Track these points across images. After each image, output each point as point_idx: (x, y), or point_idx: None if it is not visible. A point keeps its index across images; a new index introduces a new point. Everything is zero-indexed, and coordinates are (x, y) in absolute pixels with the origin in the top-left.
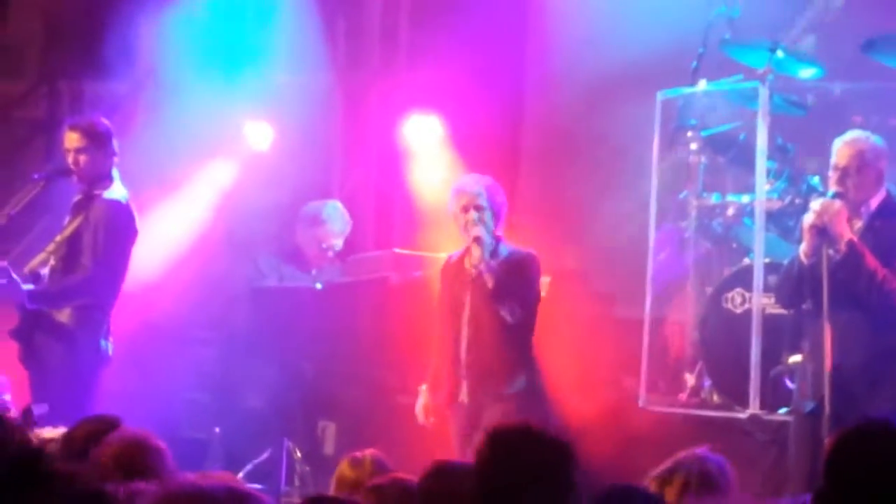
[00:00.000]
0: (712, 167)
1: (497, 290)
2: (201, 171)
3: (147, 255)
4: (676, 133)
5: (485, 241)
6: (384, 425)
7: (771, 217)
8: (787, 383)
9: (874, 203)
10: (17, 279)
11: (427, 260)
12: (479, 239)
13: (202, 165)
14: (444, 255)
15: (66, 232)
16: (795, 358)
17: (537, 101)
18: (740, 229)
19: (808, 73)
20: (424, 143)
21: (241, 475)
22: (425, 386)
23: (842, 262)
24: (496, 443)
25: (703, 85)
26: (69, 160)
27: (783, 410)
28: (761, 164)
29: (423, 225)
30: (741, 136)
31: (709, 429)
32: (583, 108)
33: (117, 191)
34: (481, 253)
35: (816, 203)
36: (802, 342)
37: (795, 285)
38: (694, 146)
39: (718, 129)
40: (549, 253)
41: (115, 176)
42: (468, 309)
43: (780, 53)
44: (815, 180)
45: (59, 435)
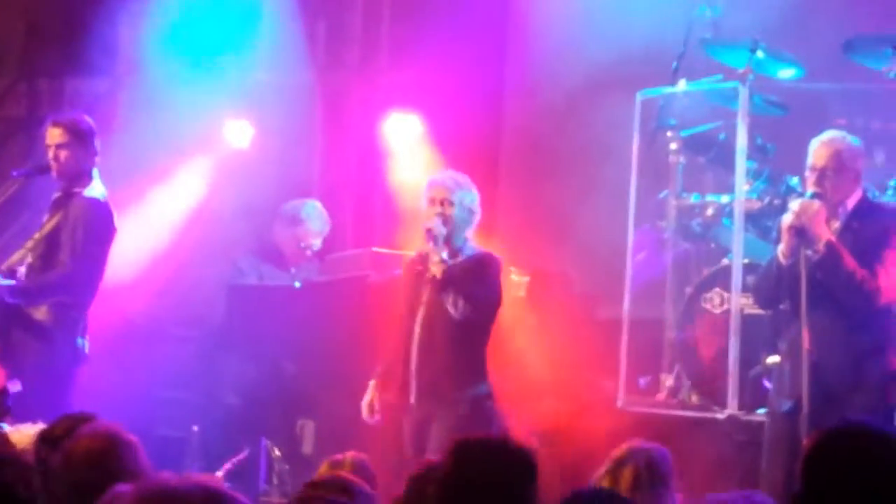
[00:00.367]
0: (692, 167)
1: (444, 282)
2: (181, 168)
3: (126, 253)
4: (656, 133)
5: (437, 234)
6: (363, 424)
7: (750, 217)
8: (766, 384)
9: (851, 203)
10: None
11: (406, 259)
12: (430, 231)
13: (182, 163)
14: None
15: (45, 229)
16: (774, 358)
17: (517, 100)
18: (719, 229)
19: (788, 73)
20: (404, 142)
21: (219, 474)
22: (373, 382)
23: (820, 262)
24: (458, 455)
25: (683, 85)
26: (49, 155)
27: (761, 411)
28: (741, 164)
29: (402, 224)
30: (721, 137)
31: (687, 429)
32: (563, 108)
33: (96, 189)
34: (432, 247)
35: (795, 203)
36: (779, 342)
37: (774, 286)
38: (674, 146)
39: (698, 129)
40: (528, 253)
41: (95, 175)
42: (424, 309)
43: (760, 54)
44: (795, 181)
45: (34, 432)
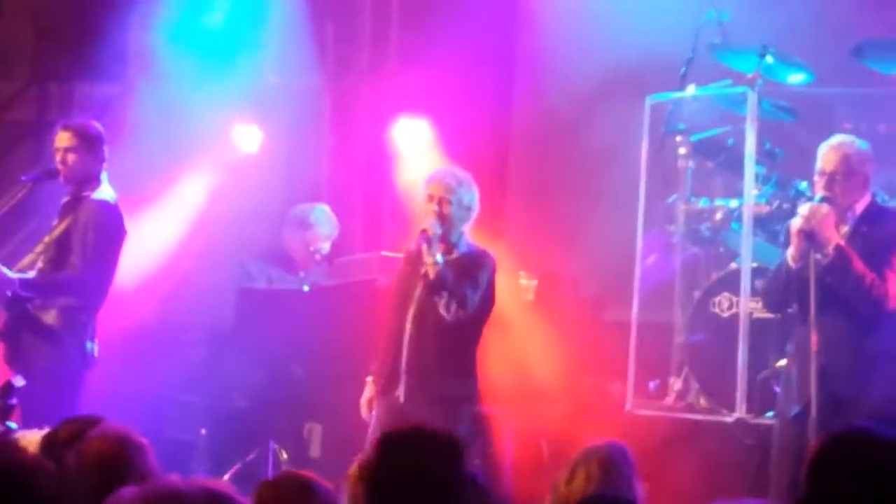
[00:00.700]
0: (701, 172)
1: (436, 283)
2: (190, 172)
3: (135, 257)
4: (665, 138)
5: (431, 236)
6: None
7: (758, 222)
8: (775, 387)
9: (859, 208)
10: (4, 269)
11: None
12: (425, 233)
13: (191, 167)
14: None
15: (55, 233)
16: (782, 362)
17: (526, 104)
18: (728, 234)
19: (797, 78)
20: (413, 145)
21: (226, 476)
22: (370, 379)
23: (829, 266)
24: (384, 446)
25: (692, 90)
26: (57, 159)
27: (770, 414)
28: (749, 168)
29: (411, 228)
30: (730, 141)
31: (696, 432)
32: (572, 113)
33: (106, 192)
34: (426, 248)
35: (804, 207)
36: (787, 346)
37: (783, 289)
38: (682, 151)
39: (707, 133)
40: (537, 257)
41: (104, 179)
42: (415, 306)
43: (769, 59)
44: (804, 185)
45: (39, 438)
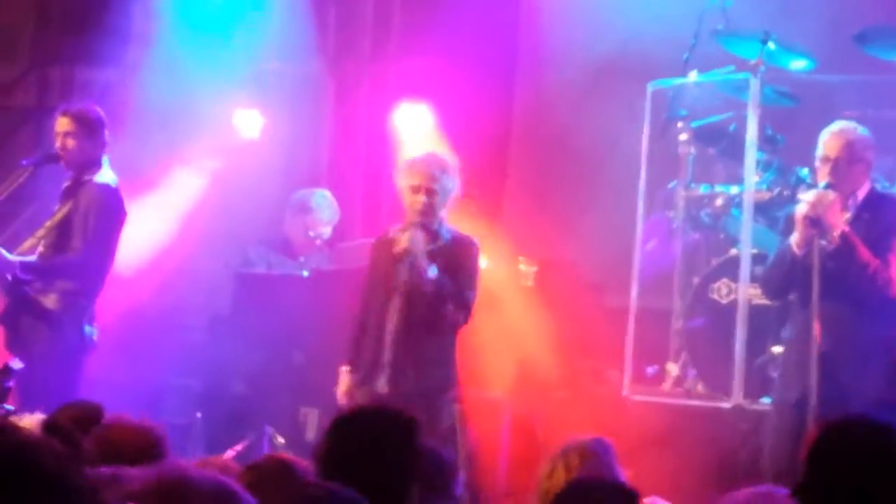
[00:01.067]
0: (702, 158)
1: (437, 294)
2: (191, 157)
3: (135, 242)
4: (667, 124)
5: (416, 251)
6: None
7: (759, 208)
8: (772, 374)
9: (861, 194)
10: (4, 252)
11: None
12: (409, 251)
13: (192, 152)
14: None
15: (56, 217)
16: (778, 348)
17: (528, 90)
18: (728, 220)
19: (799, 64)
20: (414, 131)
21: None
22: (347, 368)
23: (835, 253)
24: (335, 428)
25: (694, 76)
26: (57, 143)
27: (767, 400)
28: (751, 155)
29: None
30: (731, 128)
31: (693, 418)
32: (573, 98)
33: (107, 175)
34: (414, 260)
35: (810, 194)
36: (783, 332)
37: (785, 275)
38: (684, 137)
39: (709, 120)
40: (537, 242)
41: (105, 163)
42: (399, 297)
43: (771, 45)
44: (805, 172)
45: (37, 421)
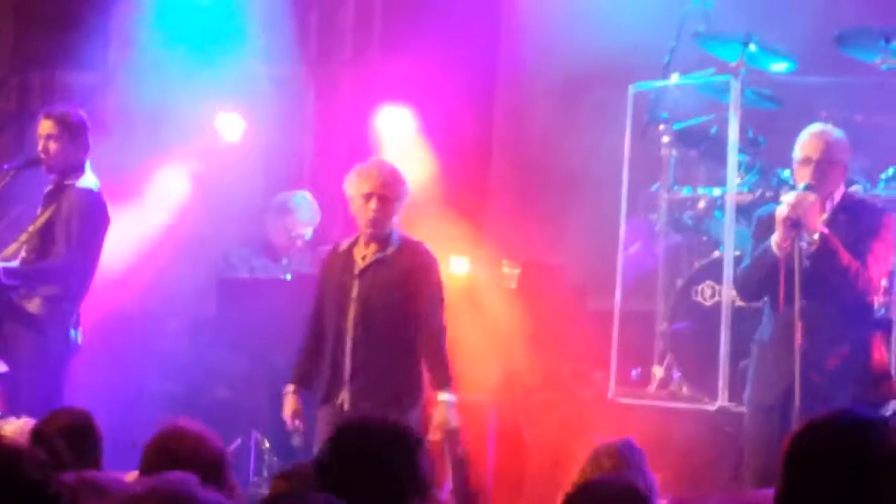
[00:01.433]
0: (684, 160)
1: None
2: (173, 161)
3: (117, 246)
4: (648, 126)
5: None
6: None
7: (741, 210)
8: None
9: (837, 196)
10: None
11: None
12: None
13: (174, 156)
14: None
15: (39, 222)
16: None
17: (510, 93)
18: (711, 222)
19: (780, 67)
20: (396, 134)
21: None
22: (292, 387)
23: (815, 254)
24: (336, 440)
25: (675, 78)
26: (39, 146)
27: None
28: (732, 157)
29: None
30: (713, 130)
31: (677, 421)
32: (555, 101)
33: (89, 180)
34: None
35: (790, 195)
36: (757, 334)
37: (764, 277)
38: (666, 139)
39: (690, 122)
40: (521, 244)
41: (87, 167)
42: (355, 307)
43: (752, 47)
44: (786, 173)
45: (21, 426)
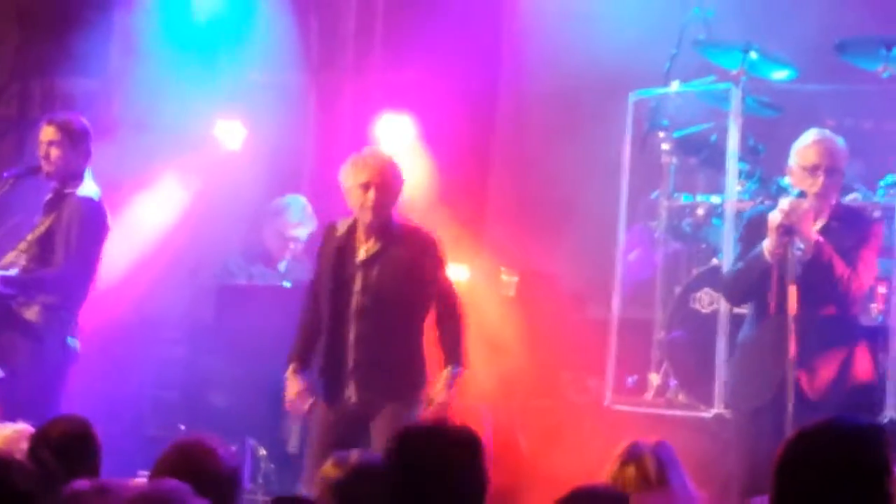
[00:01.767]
0: (683, 168)
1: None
2: (173, 169)
3: (117, 253)
4: (648, 134)
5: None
6: None
7: (740, 218)
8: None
9: (832, 203)
10: None
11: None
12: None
13: (174, 163)
14: None
15: (38, 231)
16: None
17: (510, 101)
18: (710, 230)
19: (781, 74)
20: (397, 142)
21: None
22: (293, 367)
23: (808, 261)
24: (402, 445)
25: (675, 86)
26: (40, 153)
27: None
28: (732, 165)
29: None
30: (713, 138)
31: (674, 428)
32: (555, 109)
33: (89, 188)
34: None
35: (784, 202)
36: (741, 338)
37: (756, 282)
38: (665, 147)
39: (690, 130)
40: (519, 252)
41: (88, 175)
42: (358, 299)
43: (753, 55)
44: (786, 181)
45: (19, 432)
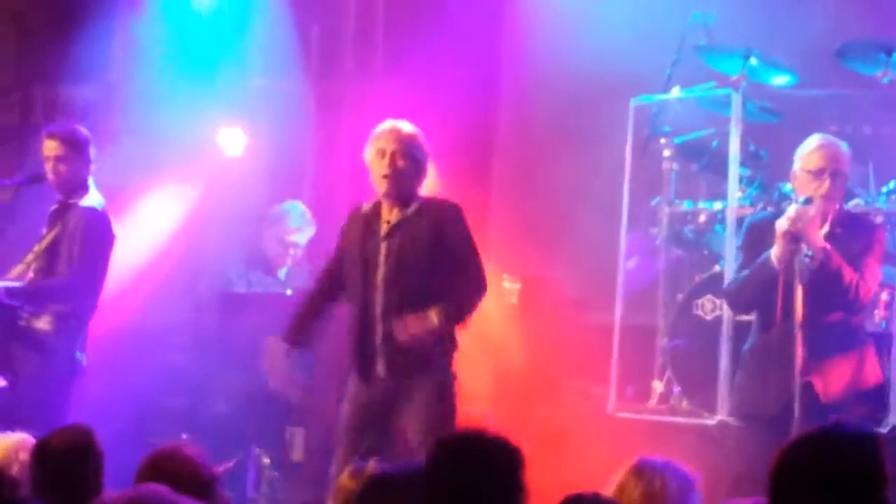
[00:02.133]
0: (685, 174)
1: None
2: (174, 176)
3: (119, 261)
4: (649, 140)
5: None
6: None
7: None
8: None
9: (836, 207)
10: None
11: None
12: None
13: (176, 170)
14: None
15: (44, 242)
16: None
17: (511, 107)
18: (712, 236)
19: (781, 80)
20: None
21: None
22: (279, 337)
23: (817, 270)
24: (445, 448)
25: (676, 92)
26: (48, 168)
27: None
28: (734, 171)
29: None
30: (714, 143)
31: (677, 435)
32: (556, 115)
33: (94, 198)
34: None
35: (791, 209)
36: (746, 345)
37: (762, 289)
38: (667, 153)
39: (691, 136)
40: (520, 259)
41: (91, 184)
42: (384, 270)
43: (753, 61)
44: (788, 187)
45: (20, 441)
